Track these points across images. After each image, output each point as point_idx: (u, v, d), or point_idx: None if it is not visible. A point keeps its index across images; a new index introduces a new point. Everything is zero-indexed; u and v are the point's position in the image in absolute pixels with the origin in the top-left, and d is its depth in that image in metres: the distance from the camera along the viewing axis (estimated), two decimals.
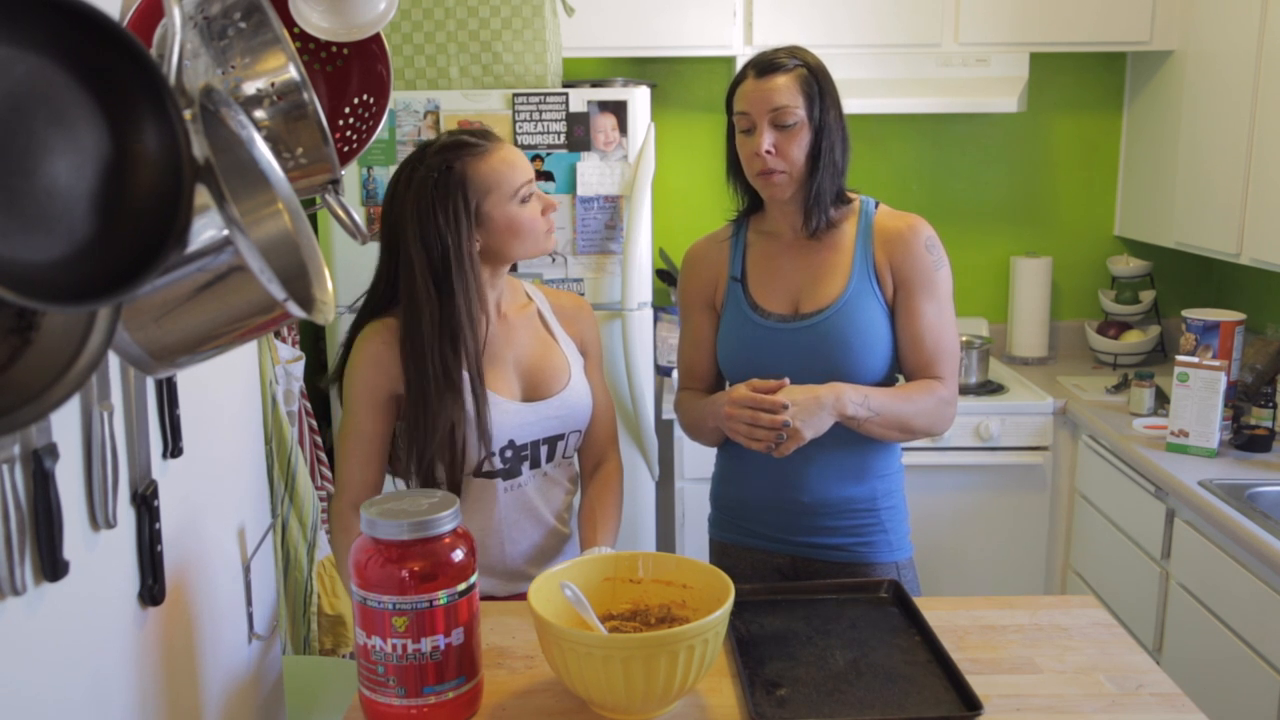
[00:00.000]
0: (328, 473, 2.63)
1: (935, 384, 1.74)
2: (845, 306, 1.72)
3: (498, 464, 1.69)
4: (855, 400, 1.64)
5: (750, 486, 1.82)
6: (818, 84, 1.70)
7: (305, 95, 1.08)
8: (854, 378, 1.71)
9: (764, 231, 1.83)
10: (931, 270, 1.74)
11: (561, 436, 1.74)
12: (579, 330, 1.82)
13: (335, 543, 1.70)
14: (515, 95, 2.69)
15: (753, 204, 1.84)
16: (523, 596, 1.73)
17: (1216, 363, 2.52)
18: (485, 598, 1.70)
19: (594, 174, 2.73)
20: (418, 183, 1.61)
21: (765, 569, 1.83)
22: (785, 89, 1.68)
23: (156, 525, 1.06)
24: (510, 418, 1.68)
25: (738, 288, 1.80)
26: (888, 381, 1.78)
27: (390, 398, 1.67)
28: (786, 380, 1.63)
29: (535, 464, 1.73)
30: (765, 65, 1.70)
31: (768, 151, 1.68)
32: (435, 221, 1.60)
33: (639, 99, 2.73)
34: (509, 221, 1.63)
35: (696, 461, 3.03)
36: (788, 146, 1.69)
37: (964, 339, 3.11)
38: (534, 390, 1.72)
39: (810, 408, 1.60)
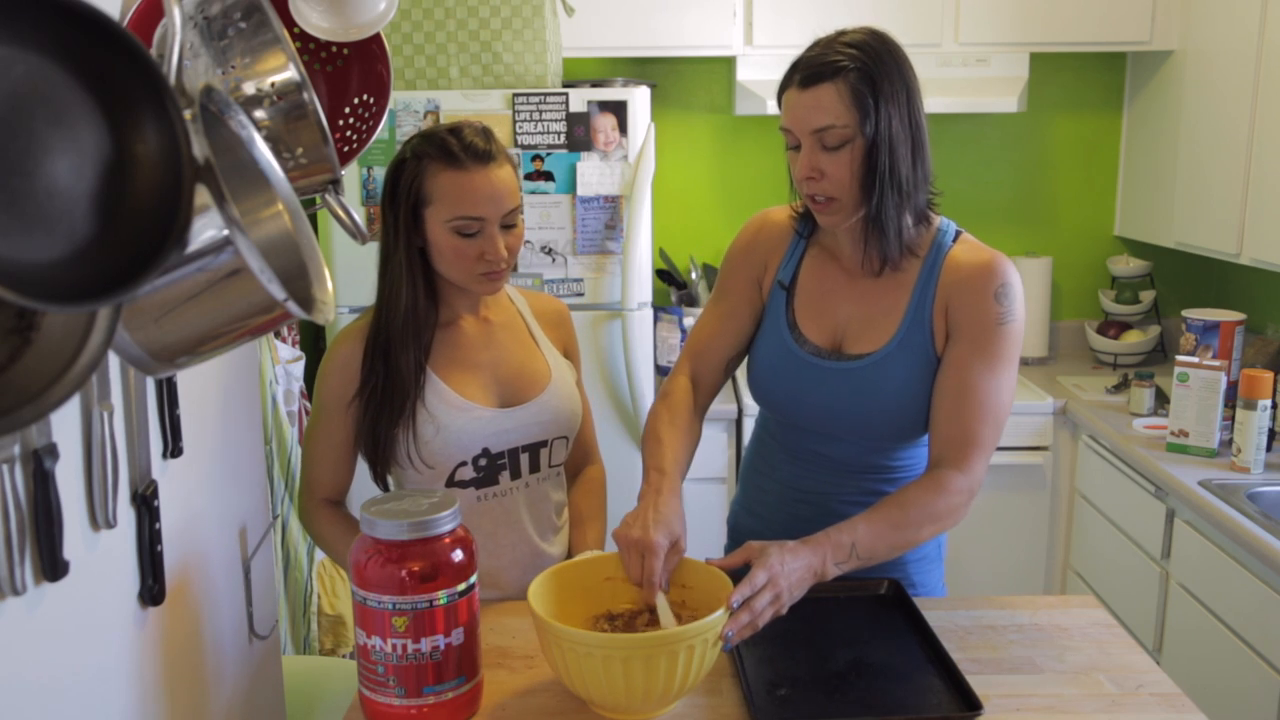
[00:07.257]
0: None
1: (948, 478, 1.44)
2: (888, 358, 1.51)
3: (470, 473, 1.61)
4: (841, 560, 1.37)
5: (780, 526, 1.64)
6: (872, 86, 1.41)
7: (305, 95, 1.08)
8: (887, 429, 1.55)
9: (825, 246, 1.61)
10: (993, 323, 1.46)
11: (545, 443, 1.66)
12: (562, 336, 1.76)
13: (318, 535, 1.65)
14: (515, 95, 2.69)
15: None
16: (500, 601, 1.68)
17: (1216, 363, 2.52)
18: None
19: (594, 174, 2.73)
20: (395, 157, 1.57)
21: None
22: (829, 105, 1.41)
23: (156, 525, 1.06)
24: (482, 425, 1.59)
25: (782, 298, 1.61)
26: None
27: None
28: (753, 545, 1.38)
29: (516, 474, 1.64)
30: (809, 72, 1.43)
31: (809, 177, 1.44)
32: (385, 201, 1.57)
33: (639, 99, 2.73)
34: (436, 241, 1.54)
35: (696, 462, 3.01)
36: (835, 169, 1.43)
37: None
38: (513, 396, 1.64)
39: (802, 582, 1.34)
